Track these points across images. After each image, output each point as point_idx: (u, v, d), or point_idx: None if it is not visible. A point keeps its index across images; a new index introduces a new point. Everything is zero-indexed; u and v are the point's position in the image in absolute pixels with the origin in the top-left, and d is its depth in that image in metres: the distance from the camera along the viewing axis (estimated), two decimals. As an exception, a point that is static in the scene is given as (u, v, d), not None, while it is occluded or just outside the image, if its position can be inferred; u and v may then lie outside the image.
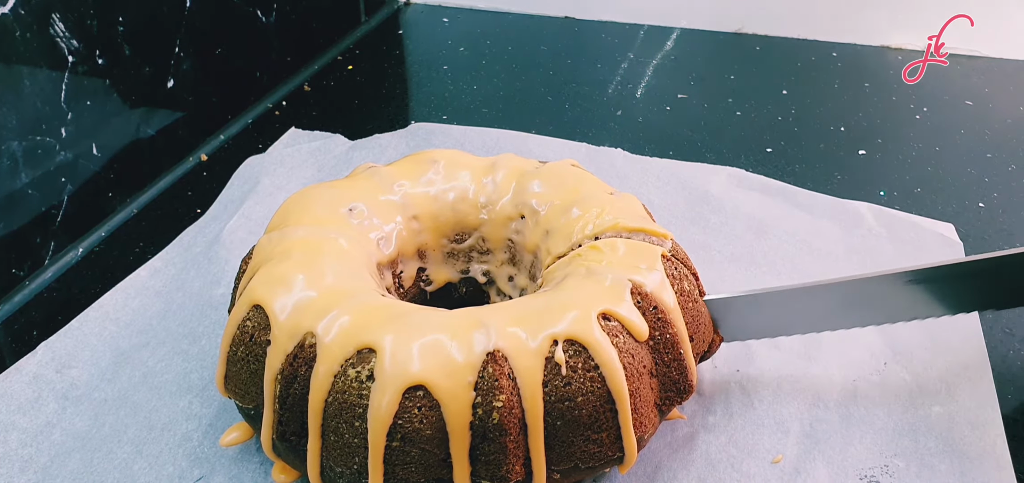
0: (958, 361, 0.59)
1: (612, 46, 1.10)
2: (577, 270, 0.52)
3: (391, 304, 0.49)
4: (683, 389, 0.51)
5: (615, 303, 0.49)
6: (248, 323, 0.50)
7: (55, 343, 0.62)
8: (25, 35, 0.67)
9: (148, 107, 0.81)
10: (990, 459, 0.52)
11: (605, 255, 0.52)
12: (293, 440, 0.49)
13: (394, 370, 0.45)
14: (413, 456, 0.45)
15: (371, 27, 1.17)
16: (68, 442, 0.55)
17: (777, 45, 1.08)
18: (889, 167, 0.82)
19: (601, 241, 0.54)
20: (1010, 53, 1.02)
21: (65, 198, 0.73)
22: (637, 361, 0.49)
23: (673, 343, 0.51)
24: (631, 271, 0.51)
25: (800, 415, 0.55)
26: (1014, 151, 0.84)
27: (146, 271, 0.69)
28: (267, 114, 0.96)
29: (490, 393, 0.45)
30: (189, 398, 0.58)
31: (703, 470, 0.52)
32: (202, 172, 0.86)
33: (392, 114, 0.96)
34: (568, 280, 0.51)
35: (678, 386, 0.51)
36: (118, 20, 0.76)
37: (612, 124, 0.92)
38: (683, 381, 0.51)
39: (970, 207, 0.76)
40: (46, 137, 0.70)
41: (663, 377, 0.50)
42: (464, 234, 0.61)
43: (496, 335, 0.46)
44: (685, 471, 0.52)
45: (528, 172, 0.62)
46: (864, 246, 0.70)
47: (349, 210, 0.57)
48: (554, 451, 0.46)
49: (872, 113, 0.92)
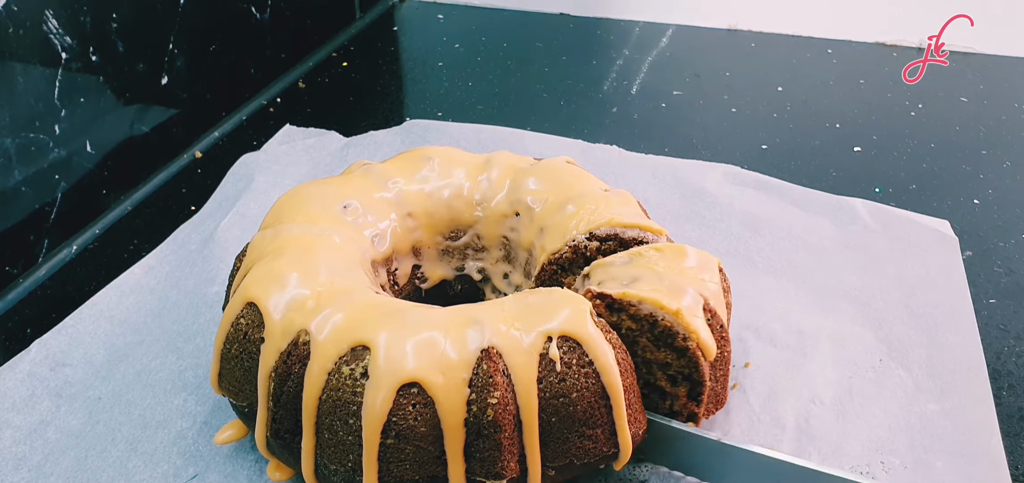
0: (954, 358, 0.59)
1: (607, 43, 1.10)
2: (645, 273, 0.52)
3: (385, 301, 0.49)
4: (721, 402, 0.53)
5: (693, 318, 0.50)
6: (242, 321, 0.50)
7: (49, 341, 0.62)
8: (18, 32, 0.67)
9: (142, 104, 0.81)
10: (985, 457, 0.52)
11: (674, 262, 0.52)
12: (287, 438, 0.48)
13: (388, 367, 0.45)
14: (408, 453, 0.45)
15: (366, 23, 1.17)
16: (62, 440, 0.55)
17: (772, 42, 1.08)
18: (884, 164, 0.82)
19: (662, 243, 0.54)
20: (1005, 50, 1.02)
21: (59, 195, 0.73)
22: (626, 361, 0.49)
23: (725, 361, 0.52)
24: (700, 284, 0.51)
25: (796, 411, 0.55)
26: (1009, 147, 0.84)
27: (140, 269, 0.69)
28: (261, 111, 0.96)
29: (485, 390, 0.45)
30: (183, 396, 0.58)
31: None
32: (196, 169, 0.86)
33: (387, 111, 0.96)
34: (640, 284, 0.51)
35: (719, 400, 0.53)
36: (111, 17, 0.75)
37: (607, 121, 0.92)
38: (724, 395, 0.53)
39: (965, 203, 0.76)
40: (39, 134, 0.70)
41: (710, 391, 0.51)
42: (459, 231, 0.61)
43: (490, 332, 0.46)
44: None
45: (523, 169, 0.62)
46: (859, 242, 0.70)
47: (343, 207, 0.57)
48: (549, 448, 0.46)
49: (867, 110, 0.92)
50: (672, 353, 0.50)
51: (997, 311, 0.64)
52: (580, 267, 0.56)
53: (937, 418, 0.54)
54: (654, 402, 0.51)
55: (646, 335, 0.50)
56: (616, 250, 0.55)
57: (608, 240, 0.55)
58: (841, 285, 0.66)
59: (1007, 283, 0.67)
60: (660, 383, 0.51)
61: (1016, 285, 0.67)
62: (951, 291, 0.64)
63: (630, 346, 0.50)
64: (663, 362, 0.50)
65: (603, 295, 0.50)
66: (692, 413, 0.51)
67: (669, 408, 0.51)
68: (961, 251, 0.68)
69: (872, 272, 0.67)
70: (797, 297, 0.65)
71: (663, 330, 0.49)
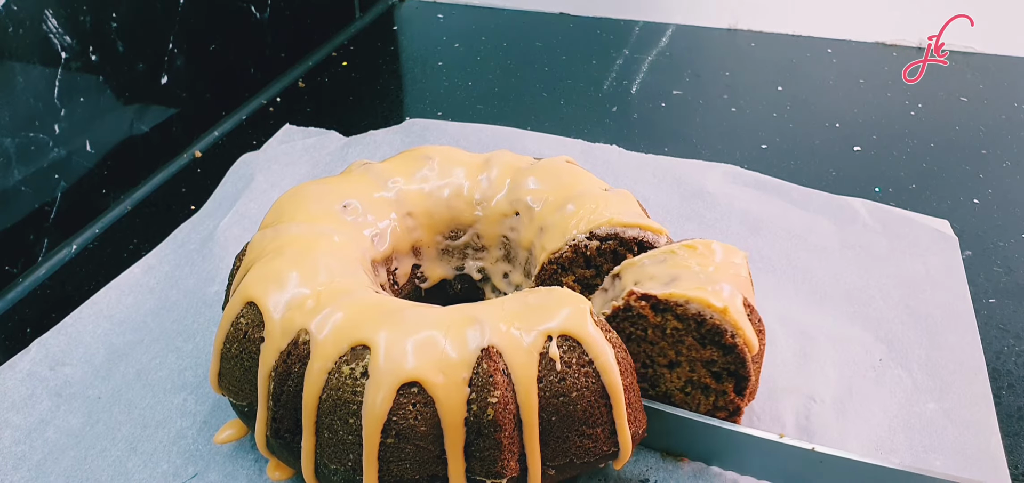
0: (954, 358, 0.59)
1: (607, 42, 1.10)
2: (683, 272, 0.52)
3: (385, 301, 0.49)
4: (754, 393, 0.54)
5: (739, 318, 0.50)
6: (242, 320, 0.50)
7: (49, 340, 0.62)
8: (18, 31, 0.67)
9: (142, 104, 0.81)
10: (985, 456, 0.52)
11: (705, 258, 0.52)
12: (287, 437, 0.48)
13: (388, 366, 0.45)
14: (408, 452, 0.45)
15: (366, 23, 1.17)
16: (62, 440, 0.55)
17: (772, 41, 1.08)
18: (884, 163, 0.82)
19: (695, 240, 0.54)
20: (1005, 49, 1.02)
21: (58, 195, 0.73)
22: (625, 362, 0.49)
23: (761, 353, 0.52)
24: (736, 280, 0.52)
25: (795, 410, 0.55)
26: (1009, 147, 0.84)
27: (140, 268, 0.69)
28: (261, 110, 0.96)
29: (485, 389, 0.45)
30: (183, 395, 0.58)
31: (699, 466, 0.52)
32: (196, 169, 0.86)
33: (387, 110, 0.96)
34: (680, 283, 0.51)
35: (753, 391, 0.53)
36: (111, 16, 0.75)
37: (607, 120, 0.92)
38: (757, 386, 0.53)
39: (965, 203, 0.76)
40: (39, 134, 0.70)
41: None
42: (459, 231, 0.61)
43: (490, 331, 0.46)
44: (680, 469, 0.52)
45: (523, 169, 0.62)
46: (859, 242, 0.70)
47: (343, 207, 0.57)
48: (549, 447, 0.46)
49: (867, 109, 0.92)
50: (718, 350, 0.50)
51: (997, 311, 0.64)
52: (580, 266, 0.56)
53: (937, 418, 0.54)
54: (696, 399, 0.52)
55: (692, 334, 0.50)
56: (616, 249, 0.55)
57: (608, 239, 0.55)
58: (841, 285, 0.66)
59: (1007, 283, 0.67)
60: (705, 380, 0.51)
61: (1016, 285, 0.67)
62: (951, 291, 0.64)
63: (675, 345, 0.51)
64: (708, 360, 0.51)
65: (648, 296, 0.50)
66: (736, 407, 0.51)
67: (713, 404, 0.52)
68: (961, 251, 0.69)
69: (872, 272, 0.67)
70: (797, 297, 0.65)
71: (711, 328, 0.50)
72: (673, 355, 0.51)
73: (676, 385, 0.52)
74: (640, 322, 0.51)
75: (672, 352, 0.51)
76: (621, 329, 0.51)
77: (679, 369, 0.51)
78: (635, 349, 0.51)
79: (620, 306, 0.51)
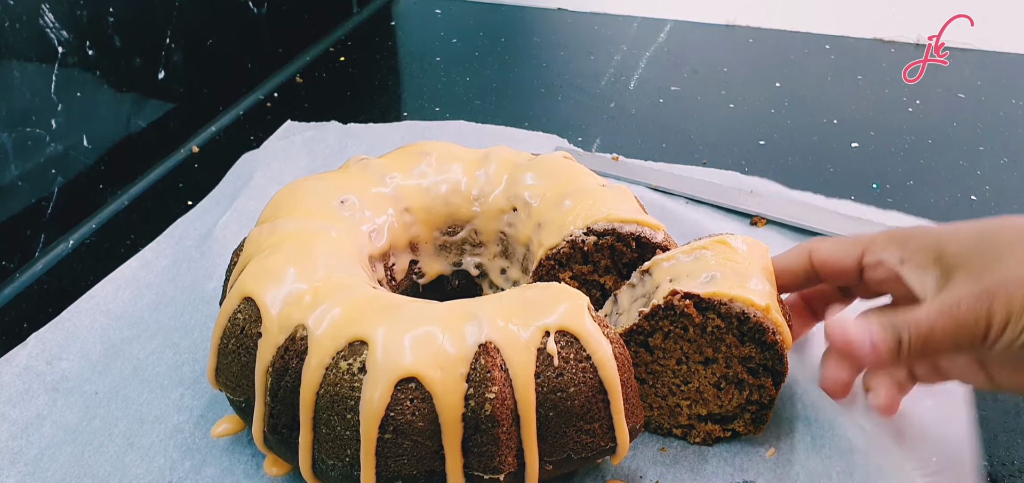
0: None
1: (605, 38, 1.10)
2: (720, 269, 0.52)
3: (383, 296, 0.49)
4: None
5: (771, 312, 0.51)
6: (239, 316, 0.50)
7: (45, 335, 0.62)
8: (15, 26, 0.66)
9: (139, 99, 0.81)
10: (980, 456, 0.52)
11: (734, 255, 0.53)
12: (284, 433, 0.48)
13: (386, 362, 0.45)
14: (405, 448, 0.45)
15: (363, 18, 1.17)
16: (59, 434, 0.55)
17: (770, 37, 1.08)
18: (882, 159, 0.82)
19: (726, 236, 0.54)
20: (1003, 46, 1.02)
21: (55, 190, 0.73)
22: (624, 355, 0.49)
23: None
24: (769, 276, 0.52)
25: (793, 407, 0.55)
26: (1007, 144, 0.84)
27: (137, 263, 0.69)
28: (258, 106, 0.96)
29: (482, 385, 0.45)
30: (180, 391, 0.58)
31: (696, 463, 0.52)
32: (193, 164, 0.86)
33: (384, 106, 0.96)
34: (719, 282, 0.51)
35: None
36: (108, 11, 0.75)
37: (605, 116, 0.92)
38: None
39: (962, 200, 0.76)
40: (36, 129, 0.70)
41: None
42: (456, 227, 0.61)
43: (488, 327, 0.46)
44: (678, 465, 0.52)
45: (520, 164, 0.61)
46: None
47: (341, 202, 0.57)
48: (547, 442, 0.46)
49: (865, 106, 0.92)
50: (756, 347, 0.50)
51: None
52: (578, 262, 0.56)
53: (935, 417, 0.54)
54: (730, 394, 0.52)
55: (733, 332, 0.50)
56: (614, 245, 0.55)
57: (606, 235, 0.55)
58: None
59: (1004, 279, 0.67)
60: (741, 375, 0.52)
61: (1013, 281, 0.67)
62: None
63: (714, 343, 0.51)
64: (746, 356, 0.51)
65: (691, 295, 0.50)
66: (771, 398, 0.52)
67: (746, 398, 0.52)
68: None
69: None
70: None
71: (753, 326, 0.50)
72: (710, 352, 0.51)
73: (709, 381, 0.52)
74: (682, 320, 0.51)
75: (710, 349, 0.51)
76: (660, 326, 0.51)
77: (714, 365, 0.52)
78: (672, 346, 0.52)
79: (661, 304, 0.51)
